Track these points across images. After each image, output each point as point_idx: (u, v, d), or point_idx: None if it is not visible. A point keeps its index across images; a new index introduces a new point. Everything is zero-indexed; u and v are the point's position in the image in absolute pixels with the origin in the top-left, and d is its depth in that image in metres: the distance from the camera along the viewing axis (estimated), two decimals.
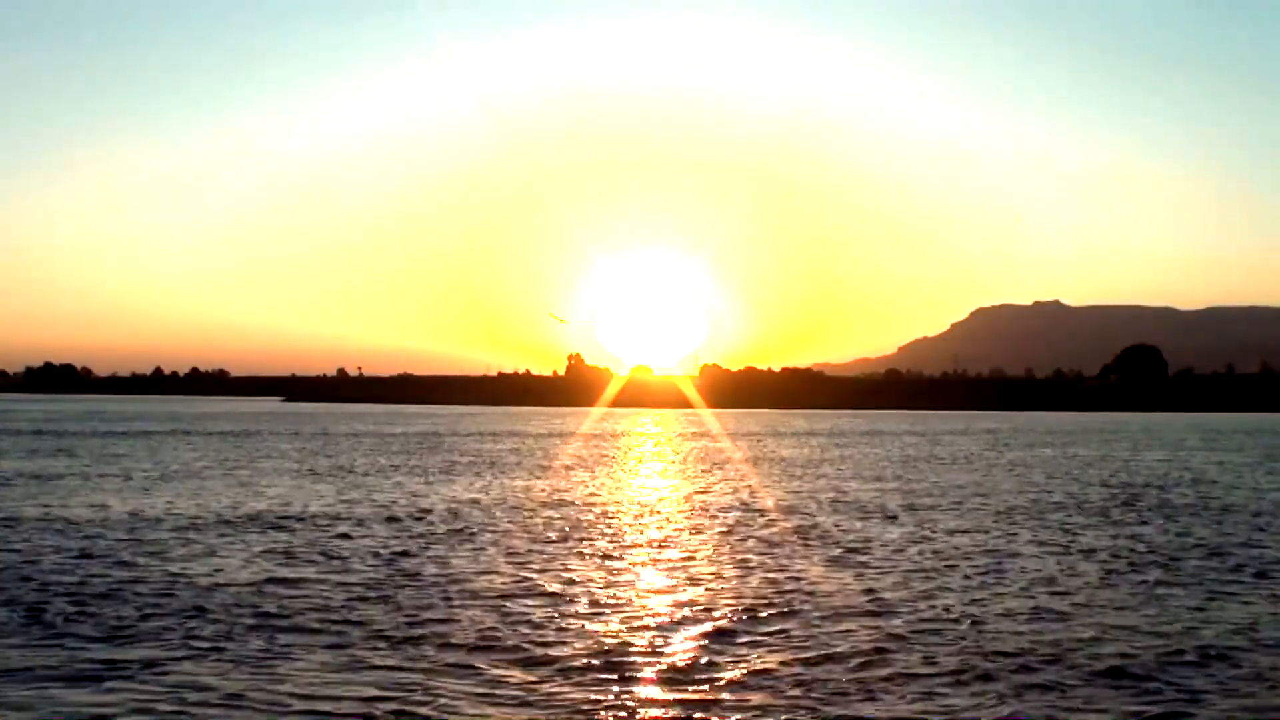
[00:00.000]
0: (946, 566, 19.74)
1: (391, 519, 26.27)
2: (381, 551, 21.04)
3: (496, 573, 18.83)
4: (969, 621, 15.07)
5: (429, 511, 27.95)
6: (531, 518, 26.84)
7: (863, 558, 20.72)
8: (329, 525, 24.98)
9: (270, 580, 17.93)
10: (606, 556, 20.97)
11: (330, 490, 33.57)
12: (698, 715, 11.18)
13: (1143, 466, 47.50)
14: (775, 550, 21.58)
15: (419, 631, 14.40)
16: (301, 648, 13.53)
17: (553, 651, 13.44)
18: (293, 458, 49.12)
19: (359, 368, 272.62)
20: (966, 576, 18.69)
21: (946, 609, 15.95)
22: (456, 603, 16.27)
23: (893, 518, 27.36)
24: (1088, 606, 16.32)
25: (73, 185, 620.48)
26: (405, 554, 20.78)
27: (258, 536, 22.92)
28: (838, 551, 21.46)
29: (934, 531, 24.60)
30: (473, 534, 23.78)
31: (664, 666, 12.77)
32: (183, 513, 27.01)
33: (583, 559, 20.54)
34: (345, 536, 23.16)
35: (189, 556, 20.23)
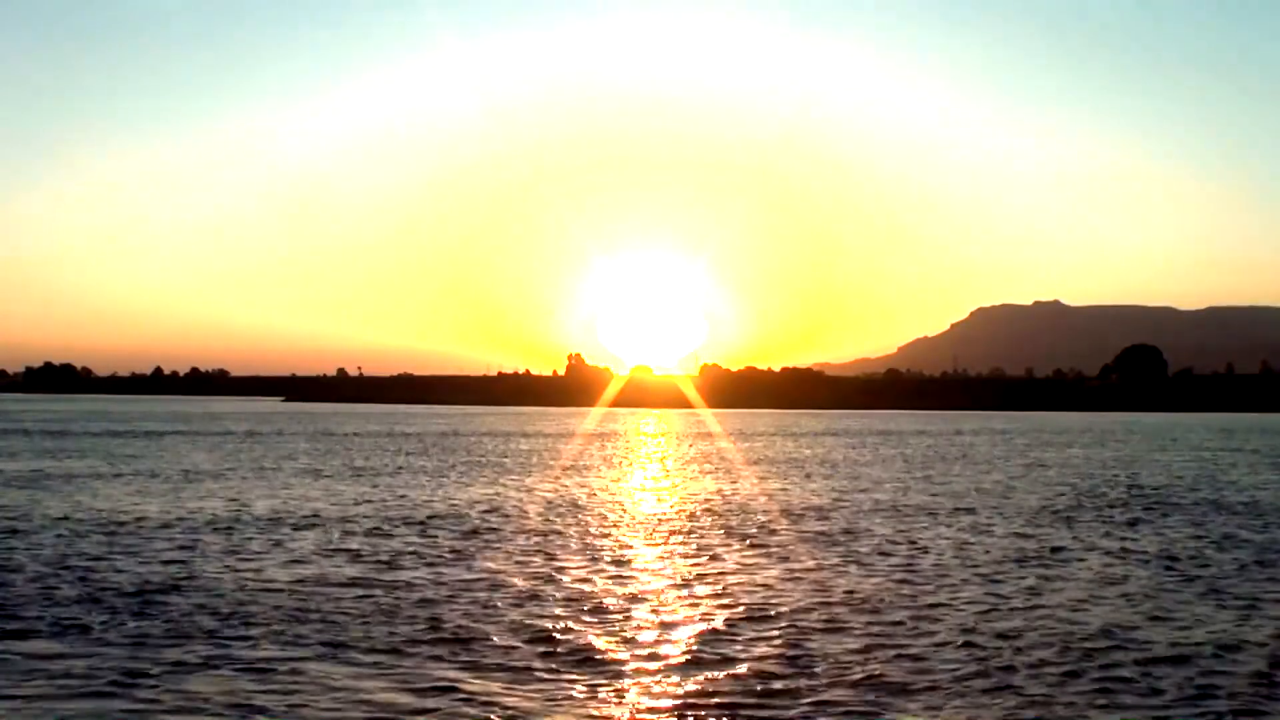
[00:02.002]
0: (998, 567, 19.67)
1: (426, 520, 26.15)
2: (425, 553, 20.94)
3: (543, 576, 18.77)
4: (1021, 624, 15.00)
5: (463, 513, 27.85)
6: (566, 520, 26.77)
7: (914, 560, 20.61)
8: (359, 526, 24.89)
9: (304, 581, 17.85)
10: (654, 559, 20.91)
11: (357, 491, 33.43)
12: (742, 714, 11.19)
13: (1170, 466, 47.37)
14: (819, 552, 21.46)
15: (452, 635, 14.23)
16: (339, 651, 13.42)
17: (600, 654, 13.39)
18: (313, 458, 49.00)
19: (359, 368, 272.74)
20: (1019, 578, 18.63)
21: (997, 609, 15.88)
22: (502, 607, 16.11)
23: (934, 518, 27.28)
24: (1150, 611, 16.27)
25: (73, 185, 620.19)
26: (439, 556, 20.69)
27: (288, 538, 22.83)
28: (889, 555, 21.29)
29: (980, 533, 24.50)
30: (512, 535, 23.60)
31: (710, 669, 12.67)
32: (212, 514, 26.92)
33: (628, 564, 20.49)
34: (375, 536, 23.11)
35: (223, 559, 20.12)
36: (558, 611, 15.73)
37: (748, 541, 22.88)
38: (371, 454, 52.46)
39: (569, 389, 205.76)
